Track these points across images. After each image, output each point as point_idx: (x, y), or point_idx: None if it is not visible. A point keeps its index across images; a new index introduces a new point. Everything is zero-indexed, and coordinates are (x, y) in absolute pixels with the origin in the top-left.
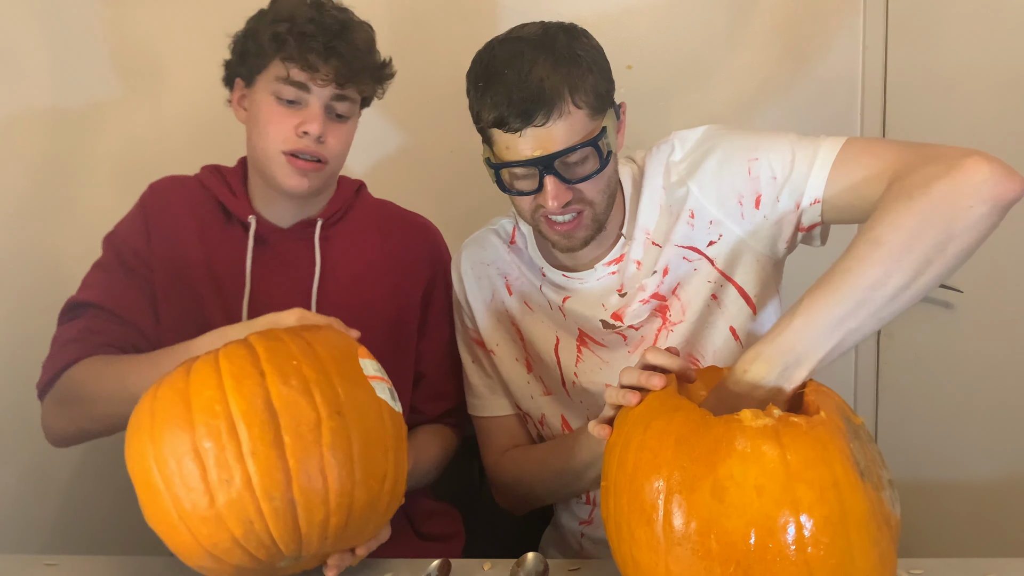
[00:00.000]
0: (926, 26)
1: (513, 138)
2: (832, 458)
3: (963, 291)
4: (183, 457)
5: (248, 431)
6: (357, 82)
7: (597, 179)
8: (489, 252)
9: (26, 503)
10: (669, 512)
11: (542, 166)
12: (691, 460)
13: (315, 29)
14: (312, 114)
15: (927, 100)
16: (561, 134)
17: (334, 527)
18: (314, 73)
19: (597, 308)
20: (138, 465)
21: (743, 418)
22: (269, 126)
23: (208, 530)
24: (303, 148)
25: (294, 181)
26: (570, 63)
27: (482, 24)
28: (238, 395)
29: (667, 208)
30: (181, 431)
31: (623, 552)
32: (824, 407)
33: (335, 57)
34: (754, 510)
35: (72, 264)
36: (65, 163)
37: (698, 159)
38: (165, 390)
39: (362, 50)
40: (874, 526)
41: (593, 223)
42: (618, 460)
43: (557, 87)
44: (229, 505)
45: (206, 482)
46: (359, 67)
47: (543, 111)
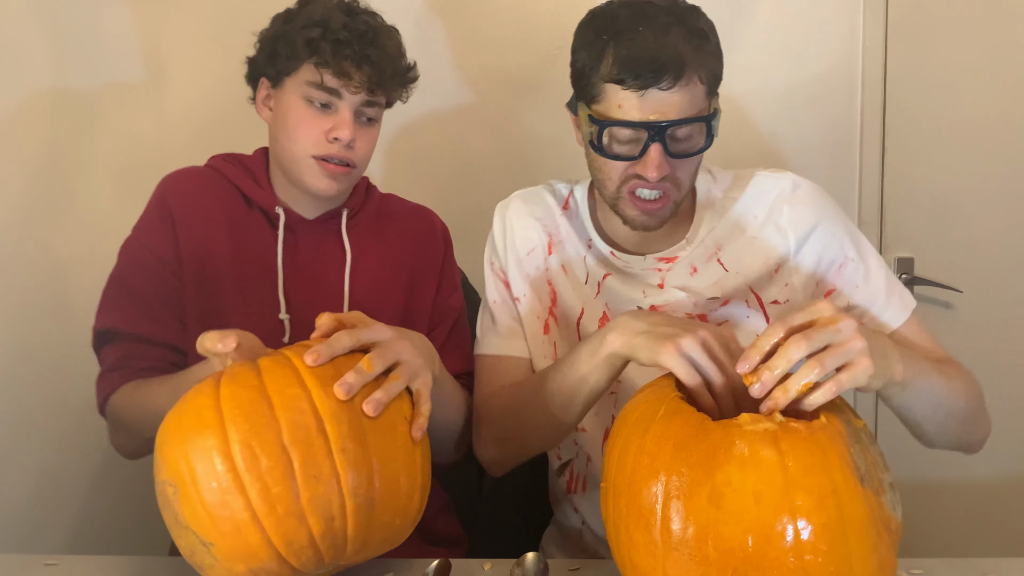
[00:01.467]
0: (926, 26)
1: (631, 97)
2: (831, 464)
3: (963, 291)
4: (265, 453)
5: (337, 429)
6: (388, 89)
7: (692, 161)
8: (540, 208)
9: (27, 503)
10: (667, 517)
11: (653, 131)
12: (689, 465)
13: (349, 36)
14: (343, 120)
15: (927, 100)
16: (681, 103)
17: (397, 528)
18: (347, 80)
19: (637, 294)
20: (194, 465)
21: (742, 422)
22: (299, 129)
23: (287, 527)
24: (334, 153)
25: (324, 184)
26: (701, 38)
27: (482, 24)
28: (323, 393)
29: (753, 241)
30: (265, 428)
31: (622, 554)
32: (825, 411)
33: (368, 64)
34: (752, 517)
35: (72, 263)
36: (65, 162)
37: (810, 219)
38: (233, 388)
39: (393, 56)
40: (873, 532)
41: (674, 206)
42: (617, 462)
43: (689, 56)
44: (313, 500)
45: (292, 478)
46: (390, 74)
47: (672, 75)
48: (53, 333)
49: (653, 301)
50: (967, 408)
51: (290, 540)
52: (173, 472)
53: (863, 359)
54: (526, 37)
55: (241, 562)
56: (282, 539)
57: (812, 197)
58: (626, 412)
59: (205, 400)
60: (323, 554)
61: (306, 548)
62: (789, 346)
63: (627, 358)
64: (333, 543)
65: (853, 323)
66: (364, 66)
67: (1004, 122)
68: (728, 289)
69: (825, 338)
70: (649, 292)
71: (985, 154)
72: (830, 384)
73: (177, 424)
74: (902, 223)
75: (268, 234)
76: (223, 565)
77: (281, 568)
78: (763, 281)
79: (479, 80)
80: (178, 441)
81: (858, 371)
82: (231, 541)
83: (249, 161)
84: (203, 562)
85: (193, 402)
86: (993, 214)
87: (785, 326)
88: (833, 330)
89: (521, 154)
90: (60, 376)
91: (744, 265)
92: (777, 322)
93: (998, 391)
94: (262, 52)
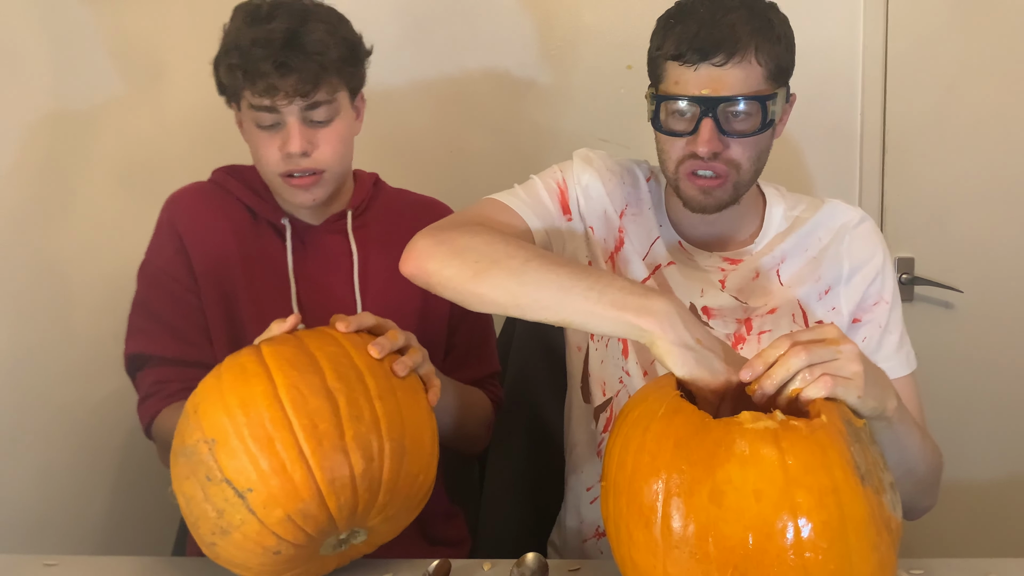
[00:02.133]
0: (926, 26)
1: (686, 72)
2: (832, 462)
3: (963, 291)
4: (312, 393)
5: (374, 380)
6: (327, 83)
7: (751, 143)
8: (628, 173)
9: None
10: (667, 515)
11: (705, 107)
12: (689, 463)
13: (262, 51)
14: (289, 133)
15: (927, 100)
16: (734, 80)
17: (419, 486)
18: (275, 94)
19: (695, 290)
20: (240, 411)
21: (743, 420)
22: (259, 153)
23: (332, 462)
24: (293, 168)
25: (300, 198)
26: (763, 22)
27: (482, 24)
28: (360, 351)
29: (812, 261)
30: (311, 373)
31: (622, 553)
32: (825, 410)
33: (290, 72)
34: (752, 515)
35: (72, 263)
36: (65, 163)
37: (866, 254)
38: (274, 346)
39: (319, 51)
40: (873, 531)
41: (734, 189)
42: (617, 461)
43: (745, 36)
44: (356, 438)
45: (337, 416)
46: (319, 70)
47: (725, 51)
48: (53, 333)
49: (708, 303)
50: (926, 473)
51: (334, 476)
52: (212, 426)
53: (857, 379)
54: (526, 37)
55: (279, 506)
56: (326, 475)
57: (873, 234)
58: (626, 410)
59: (247, 359)
60: (359, 497)
61: (347, 487)
62: (789, 356)
63: (650, 349)
64: (370, 485)
65: (855, 348)
66: (287, 75)
67: (1004, 122)
68: (777, 300)
69: (825, 355)
70: (707, 291)
71: (985, 154)
72: (826, 379)
73: (216, 383)
74: (902, 223)
75: (277, 244)
76: (258, 516)
77: (319, 512)
78: (812, 300)
79: (479, 80)
80: (219, 395)
81: (849, 387)
82: (275, 481)
83: (250, 173)
84: (232, 521)
85: (234, 362)
86: (993, 214)
87: (791, 340)
88: (835, 349)
89: (521, 154)
90: (60, 376)
91: (799, 282)
92: (784, 336)
93: (998, 391)
94: (216, 81)
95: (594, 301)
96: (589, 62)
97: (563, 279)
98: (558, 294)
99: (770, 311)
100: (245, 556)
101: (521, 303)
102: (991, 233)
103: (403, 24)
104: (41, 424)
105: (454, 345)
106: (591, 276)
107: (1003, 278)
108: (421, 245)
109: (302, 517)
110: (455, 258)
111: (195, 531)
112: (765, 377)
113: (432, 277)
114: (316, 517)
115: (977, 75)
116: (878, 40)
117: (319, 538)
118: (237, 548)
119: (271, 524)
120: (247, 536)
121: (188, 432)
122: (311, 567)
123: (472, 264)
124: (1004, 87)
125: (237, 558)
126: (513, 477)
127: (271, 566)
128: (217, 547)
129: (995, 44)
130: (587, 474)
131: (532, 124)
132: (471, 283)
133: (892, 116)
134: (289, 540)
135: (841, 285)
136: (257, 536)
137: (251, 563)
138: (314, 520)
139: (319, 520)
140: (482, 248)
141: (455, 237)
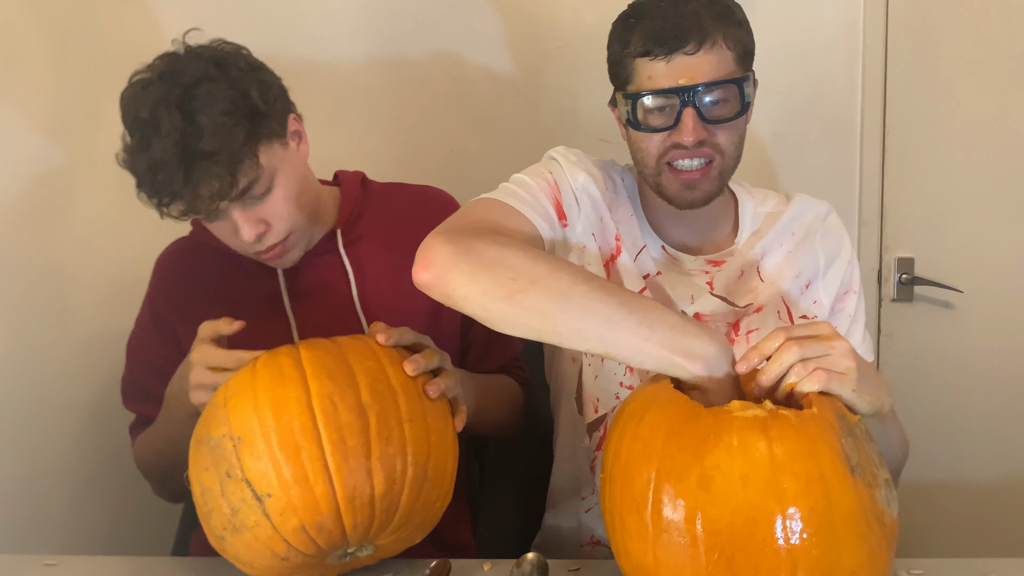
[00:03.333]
0: (926, 26)
1: (659, 66)
2: (820, 452)
3: (963, 291)
4: (346, 408)
5: (407, 401)
6: (242, 172)
7: (732, 127)
8: (607, 175)
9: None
10: (658, 501)
11: (684, 96)
12: (680, 450)
13: (163, 177)
14: (236, 224)
15: (927, 100)
16: (708, 66)
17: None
18: (199, 210)
19: (686, 296)
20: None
21: (733, 409)
22: (228, 242)
23: (355, 481)
24: (259, 249)
25: (278, 263)
26: (723, 8)
27: (483, 24)
28: (396, 368)
29: (790, 256)
30: (347, 386)
31: (616, 542)
32: (818, 403)
33: (202, 183)
34: (739, 499)
35: (72, 263)
36: (65, 163)
37: (836, 246)
38: (314, 352)
39: (221, 144)
40: (863, 523)
41: (719, 178)
42: (613, 452)
43: (711, 22)
44: (382, 459)
45: (367, 435)
46: (230, 163)
47: (695, 38)
48: (53, 333)
49: (700, 309)
50: (898, 464)
51: (354, 495)
52: (240, 424)
53: (850, 375)
54: (526, 37)
55: (296, 516)
56: (347, 492)
57: (839, 225)
58: (623, 405)
59: (285, 359)
60: (375, 518)
61: (365, 506)
62: (783, 351)
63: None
64: (388, 508)
65: (848, 345)
66: (201, 187)
67: (1004, 122)
68: (762, 298)
69: (818, 350)
70: (698, 297)
71: (985, 154)
72: (819, 373)
73: (251, 380)
74: (902, 223)
75: (270, 278)
76: (272, 521)
77: (334, 527)
78: (795, 295)
79: (479, 80)
80: (252, 393)
81: (843, 381)
82: (295, 491)
83: None
84: (245, 522)
85: (271, 360)
86: (993, 214)
87: (786, 334)
88: (828, 345)
89: (521, 154)
90: (60, 376)
91: (780, 278)
92: (780, 329)
93: (998, 391)
94: None
95: (644, 338)
96: (589, 62)
97: (611, 310)
98: (604, 326)
99: (756, 310)
100: (252, 556)
101: (561, 331)
102: (991, 233)
103: (403, 24)
104: (41, 424)
105: (473, 339)
106: (640, 308)
107: (1003, 278)
108: (440, 253)
109: (316, 530)
110: (484, 272)
111: (206, 521)
112: (761, 372)
113: (456, 291)
114: (331, 532)
115: (977, 75)
116: (878, 40)
117: (328, 551)
118: (246, 547)
119: (284, 532)
120: (258, 539)
121: (215, 424)
122: (314, 573)
123: (508, 282)
124: (1004, 87)
125: (244, 556)
126: (513, 477)
127: (276, 570)
128: (225, 542)
129: (995, 44)
130: (582, 484)
131: (532, 124)
132: (503, 303)
133: (892, 116)
134: (299, 549)
135: (819, 279)
136: (268, 540)
137: (257, 563)
138: (328, 534)
139: (333, 535)
140: (518, 264)
141: (482, 247)
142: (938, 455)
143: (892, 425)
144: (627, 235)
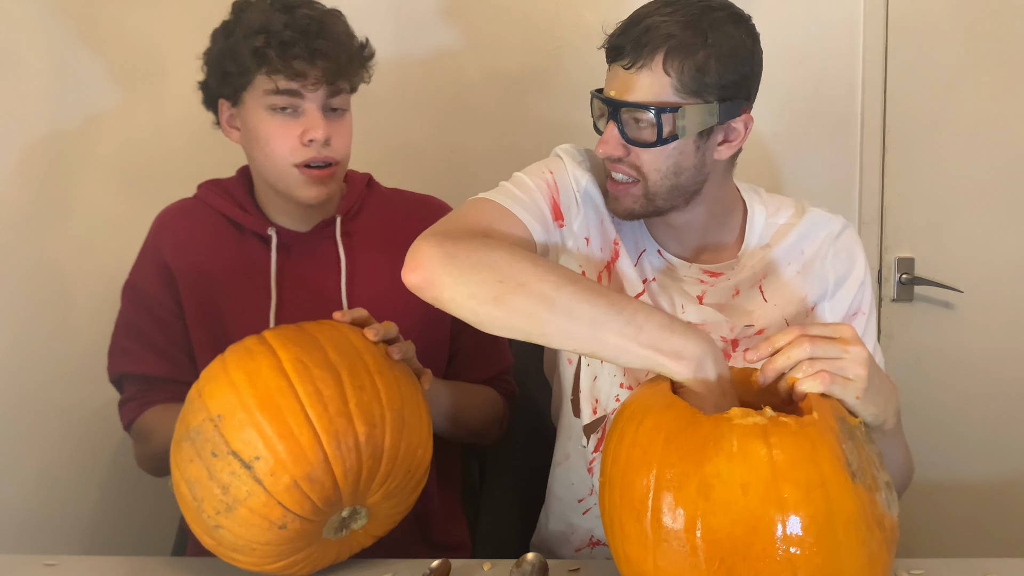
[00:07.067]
0: (926, 26)
1: (609, 70)
2: (821, 458)
3: (963, 291)
4: (316, 365)
5: (372, 358)
6: (348, 75)
7: (657, 154)
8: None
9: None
10: (657, 508)
11: (611, 108)
12: (679, 457)
13: (294, 34)
14: (313, 120)
15: (927, 100)
16: (639, 86)
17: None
18: (304, 79)
19: (677, 307)
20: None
21: (732, 416)
22: (272, 142)
23: (337, 426)
24: (313, 157)
25: (312, 192)
26: (694, 36)
27: (483, 24)
28: (357, 335)
29: (796, 277)
30: (313, 348)
31: (615, 547)
32: (818, 407)
33: (321, 58)
34: (739, 508)
35: (72, 263)
36: (65, 163)
37: (848, 265)
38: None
39: (344, 42)
40: (864, 527)
41: (645, 200)
42: (612, 455)
43: (657, 41)
44: (359, 405)
45: (341, 385)
46: (346, 60)
47: (631, 54)
48: (53, 333)
49: (691, 318)
50: (899, 486)
51: (339, 440)
52: (218, 403)
53: (858, 382)
54: (526, 37)
55: (287, 472)
56: (332, 438)
57: (854, 244)
58: (622, 408)
59: (250, 343)
60: (363, 463)
61: (352, 451)
62: (793, 346)
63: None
64: (373, 451)
65: (865, 352)
66: (317, 60)
67: (1004, 122)
68: (764, 320)
69: (831, 351)
70: (688, 308)
71: (985, 154)
72: (823, 375)
73: (221, 365)
74: (902, 223)
75: (264, 255)
76: (264, 485)
77: (325, 477)
78: (799, 319)
79: (479, 80)
80: (224, 374)
81: (848, 387)
82: (281, 446)
83: (230, 185)
84: (238, 495)
85: (238, 346)
86: (993, 214)
87: (801, 330)
88: (843, 349)
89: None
90: (60, 376)
91: (784, 300)
92: (797, 326)
93: (998, 391)
94: (212, 74)
95: (630, 338)
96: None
97: (598, 311)
98: (591, 327)
99: (757, 332)
100: (251, 533)
101: (547, 332)
102: (991, 233)
103: (403, 24)
104: (41, 424)
105: (460, 347)
106: (627, 309)
107: (1003, 278)
108: (428, 254)
109: (308, 482)
110: (472, 274)
111: (198, 519)
112: (767, 363)
113: (443, 292)
114: (322, 483)
115: (977, 75)
116: (878, 40)
117: (325, 510)
118: (243, 525)
119: (277, 493)
120: (253, 510)
121: (192, 415)
122: (313, 552)
123: (495, 284)
124: (1004, 87)
125: (243, 538)
126: (513, 477)
127: (276, 545)
128: (222, 529)
129: (995, 44)
130: (579, 486)
131: (532, 124)
132: (490, 304)
133: (892, 116)
134: (295, 512)
135: (827, 300)
136: (263, 508)
137: (257, 541)
138: (320, 486)
139: (325, 487)
140: (505, 266)
141: (469, 249)
142: (938, 455)
143: (895, 441)
144: (627, 239)
